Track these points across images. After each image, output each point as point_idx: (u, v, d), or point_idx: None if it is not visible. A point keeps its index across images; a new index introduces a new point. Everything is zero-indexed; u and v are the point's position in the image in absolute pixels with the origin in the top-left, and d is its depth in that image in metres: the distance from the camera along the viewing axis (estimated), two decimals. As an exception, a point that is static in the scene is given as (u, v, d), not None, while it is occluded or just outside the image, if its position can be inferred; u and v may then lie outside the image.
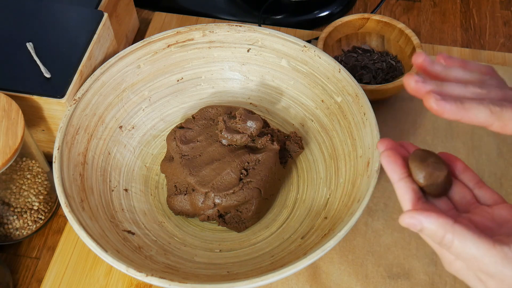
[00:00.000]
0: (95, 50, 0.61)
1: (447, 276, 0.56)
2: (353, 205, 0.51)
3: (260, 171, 0.57)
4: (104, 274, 0.58)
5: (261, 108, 0.67)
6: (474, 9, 0.84)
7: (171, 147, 0.61)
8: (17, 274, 0.59)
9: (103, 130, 0.60)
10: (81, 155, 0.57)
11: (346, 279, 0.57)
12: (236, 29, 0.65)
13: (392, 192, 0.62)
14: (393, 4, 0.85)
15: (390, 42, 0.72)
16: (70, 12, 0.63)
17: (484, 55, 0.75)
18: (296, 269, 0.46)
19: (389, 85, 0.64)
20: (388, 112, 0.69)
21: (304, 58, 0.63)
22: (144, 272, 0.46)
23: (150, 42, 0.63)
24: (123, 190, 0.60)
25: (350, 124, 0.59)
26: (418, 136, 0.67)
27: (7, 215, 0.58)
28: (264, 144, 0.59)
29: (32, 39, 0.60)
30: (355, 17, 0.71)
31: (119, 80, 0.62)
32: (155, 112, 0.66)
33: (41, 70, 0.58)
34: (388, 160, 0.43)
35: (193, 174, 0.58)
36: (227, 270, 0.53)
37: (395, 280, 0.56)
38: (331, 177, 0.59)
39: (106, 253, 0.47)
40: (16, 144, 0.52)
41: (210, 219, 0.58)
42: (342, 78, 0.60)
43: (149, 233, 0.57)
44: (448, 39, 0.81)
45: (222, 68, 0.67)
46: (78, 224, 0.49)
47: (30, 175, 0.59)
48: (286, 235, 0.57)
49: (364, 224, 0.60)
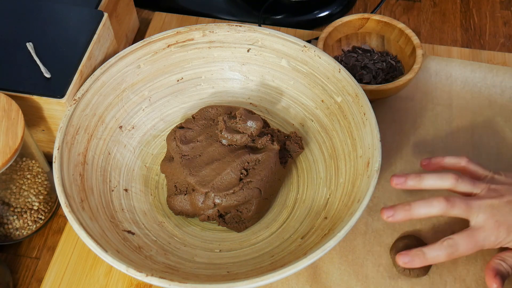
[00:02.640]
0: (95, 50, 0.61)
1: (447, 276, 0.56)
2: (353, 205, 0.51)
3: (260, 171, 0.57)
4: (104, 274, 0.58)
5: (261, 108, 0.67)
6: (474, 9, 0.84)
7: (171, 147, 0.61)
8: (17, 274, 0.59)
9: (103, 130, 0.60)
10: (81, 155, 0.57)
11: (346, 279, 0.57)
12: (236, 29, 0.65)
13: (392, 192, 0.62)
14: (393, 4, 0.85)
15: (390, 42, 0.72)
16: (70, 12, 0.63)
17: (484, 55, 0.75)
18: (296, 269, 0.46)
19: (389, 85, 0.64)
20: (388, 112, 0.69)
21: (304, 58, 0.63)
22: (144, 272, 0.46)
23: (150, 42, 0.63)
24: (123, 190, 0.60)
25: (350, 124, 0.59)
26: (418, 136, 0.67)
27: (7, 215, 0.58)
28: (264, 144, 0.59)
29: (32, 39, 0.60)
30: (355, 17, 0.71)
31: (119, 80, 0.62)
32: (155, 112, 0.66)
33: (41, 70, 0.58)
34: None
35: (193, 174, 0.58)
36: (227, 270, 0.53)
37: (395, 280, 0.56)
38: (331, 177, 0.59)
39: (106, 253, 0.47)
40: (16, 144, 0.52)
41: (210, 219, 0.58)
42: (342, 78, 0.60)
43: (149, 233, 0.57)
44: (448, 39, 0.81)
45: (222, 68, 0.67)
46: (78, 224, 0.49)
47: (30, 175, 0.59)
48: (286, 235, 0.57)
49: (364, 224, 0.60)
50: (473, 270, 0.57)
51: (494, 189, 0.54)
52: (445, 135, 0.67)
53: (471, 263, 0.57)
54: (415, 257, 0.52)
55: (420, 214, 0.53)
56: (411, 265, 0.52)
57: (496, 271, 0.52)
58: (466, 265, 0.57)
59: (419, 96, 0.71)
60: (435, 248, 0.52)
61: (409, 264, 0.52)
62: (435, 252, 0.52)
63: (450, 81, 0.72)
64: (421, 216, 0.54)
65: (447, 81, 0.72)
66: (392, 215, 0.54)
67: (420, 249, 0.53)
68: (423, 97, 0.70)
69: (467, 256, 0.57)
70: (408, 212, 0.53)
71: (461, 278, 0.56)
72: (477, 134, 0.67)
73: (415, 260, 0.52)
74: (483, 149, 0.66)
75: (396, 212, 0.54)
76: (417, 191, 0.61)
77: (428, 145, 0.66)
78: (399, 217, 0.54)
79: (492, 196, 0.53)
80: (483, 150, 0.66)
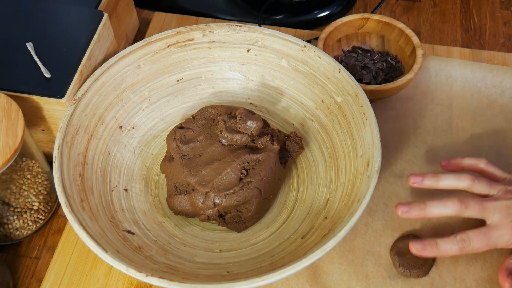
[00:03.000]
0: (95, 50, 0.61)
1: (447, 276, 0.56)
2: (353, 205, 0.51)
3: (260, 171, 0.57)
4: (104, 274, 0.58)
5: (261, 108, 0.67)
6: (474, 9, 0.84)
7: (171, 147, 0.61)
8: (17, 274, 0.59)
9: (103, 130, 0.60)
10: (81, 155, 0.57)
11: (346, 279, 0.57)
12: (236, 29, 0.65)
13: (392, 192, 0.62)
14: (393, 4, 0.85)
15: (390, 42, 0.72)
16: (70, 12, 0.63)
17: (484, 55, 0.75)
18: (296, 269, 0.46)
19: (389, 85, 0.64)
20: (388, 112, 0.69)
21: (304, 58, 0.63)
22: (144, 272, 0.46)
23: (150, 42, 0.63)
24: (123, 190, 0.60)
25: (350, 124, 0.59)
26: (418, 136, 0.67)
27: (7, 215, 0.58)
28: (264, 144, 0.59)
29: (32, 39, 0.60)
30: (355, 17, 0.71)
31: (119, 80, 0.62)
32: (155, 112, 0.66)
33: (41, 70, 0.58)
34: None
35: (193, 174, 0.58)
36: (227, 270, 0.53)
37: (395, 280, 0.56)
38: (331, 177, 0.59)
39: (106, 253, 0.47)
40: (16, 144, 0.52)
41: (210, 219, 0.58)
42: (342, 78, 0.60)
43: (149, 233, 0.57)
44: (448, 39, 0.81)
45: (222, 68, 0.67)
46: (78, 224, 0.49)
47: (30, 175, 0.59)
48: (286, 235, 0.57)
49: (364, 224, 0.60)
50: (473, 270, 0.57)
51: (511, 191, 0.54)
52: (445, 135, 0.67)
53: (471, 263, 0.57)
54: (428, 247, 0.53)
55: (434, 213, 0.54)
56: (422, 253, 0.53)
57: (509, 271, 0.53)
58: (466, 265, 0.57)
59: (419, 96, 0.71)
60: (448, 241, 0.52)
61: (421, 251, 0.52)
62: (448, 245, 0.52)
63: (450, 81, 0.72)
64: (435, 216, 0.54)
65: (447, 81, 0.72)
66: (407, 211, 0.54)
67: (434, 239, 0.53)
68: (423, 97, 0.70)
69: (467, 256, 0.57)
70: (423, 210, 0.54)
71: (461, 278, 0.56)
72: (477, 134, 0.67)
73: (427, 249, 0.53)
74: (483, 149, 0.66)
75: (411, 209, 0.54)
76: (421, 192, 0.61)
77: (428, 145, 0.66)
78: (414, 214, 0.54)
79: (509, 197, 0.53)
80: (483, 150, 0.66)
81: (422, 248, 0.53)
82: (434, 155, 0.65)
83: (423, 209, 0.54)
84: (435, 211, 0.54)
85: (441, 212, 0.54)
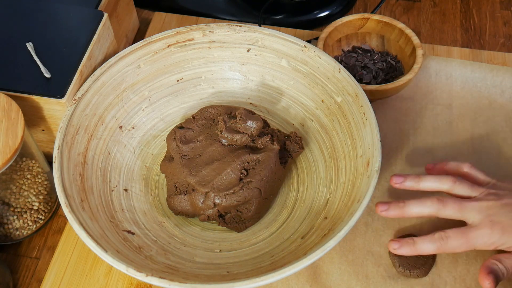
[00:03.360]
0: (95, 50, 0.61)
1: (447, 276, 0.56)
2: (353, 205, 0.51)
3: (260, 171, 0.57)
4: (104, 274, 0.58)
5: (261, 108, 0.67)
6: (474, 9, 0.84)
7: (171, 147, 0.61)
8: (17, 274, 0.59)
9: (103, 130, 0.60)
10: (81, 155, 0.57)
11: (346, 279, 0.57)
12: (236, 29, 0.65)
13: (392, 192, 0.62)
14: (393, 4, 0.85)
15: (390, 42, 0.72)
16: (70, 12, 0.63)
17: (484, 55, 0.75)
18: (296, 269, 0.46)
19: (389, 85, 0.64)
20: (388, 112, 0.69)
21: (304, 58, 0.63)
22: (144, 272, 0.46)
23: (150, 42, 0.63)
24: (123, 190, 0.60)
25: (350, 124, 0.59)
26: (418, 136, 0.67)
27: (7, 215, 0.58)
28: (264, 144, 0.59)
29: (32, 39, 0.60)
30: (355, 17, 0.71)
31: (119, 80, 0.62)
32: (155, 112, 0.66)
33: (41, 70, 0.58)
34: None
35: (193, 174, 0.58)
36: (227, 270, 0.53)
37: (395, 280, 0.56)
38: (331, 177, 0.59)
39: (106, 253, 0.47)
40: (16, 144, 0.52)
41: (210, 219, 0.58)
42: (342, 78, 0.60)
43: (149, 233, 0.57)
44: (448, 39, 0.81)
45: (222, 68, 0.67)
46: (78, 224, 0.49)
47: (30, 175, 0.59)
48: (286, 235, 0.57)
49: (364, 224, 0.60)
50: (473, 270, 0.57)
51: (493, 193, 0.54)
52: (445, 135, 0.67)
53: (471, 263, 0.57)
54: (405, 244, 0.54)
55: (413, 213, 0.54)
56: (399, 252, 0.54)
57: (490, 270, 0.52)
58: (466, 265, 0.57)
59: (419, 96, 0.71)
60: (426, 240, 0.53)
61: (398, 250, 0.54)
62: (426, 243, 0.53)
63: (450, 81, 0.72)
64: (414, 215, 0.55)
65: (447, 81, 0.72)
66: (386, 209, 0.55)
67: (411, 238, 0.54)
68: (423, 97, 0.70)
69: (467, 256, 0.57)
70: (401, 209, 0.54)
71: (461, 278, 0.56)
72: (477, 134, 0.67)
73: (404, 247, 0.54)
74: (483, 149, 0.66)
75: (390, 208, 0.55)
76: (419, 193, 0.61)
77: (428, 145, 0.66)
78: (392, 213, 0.55)
79: (490, 198, 0.54)
80: (482, 150, 0.66)
81: (399, 246, 0.53)
82: (434, 155, 0.65)
83: (402, 207, 0.54)
84: (414, 211, 0.54)
85: (420, 211, 0.54)
